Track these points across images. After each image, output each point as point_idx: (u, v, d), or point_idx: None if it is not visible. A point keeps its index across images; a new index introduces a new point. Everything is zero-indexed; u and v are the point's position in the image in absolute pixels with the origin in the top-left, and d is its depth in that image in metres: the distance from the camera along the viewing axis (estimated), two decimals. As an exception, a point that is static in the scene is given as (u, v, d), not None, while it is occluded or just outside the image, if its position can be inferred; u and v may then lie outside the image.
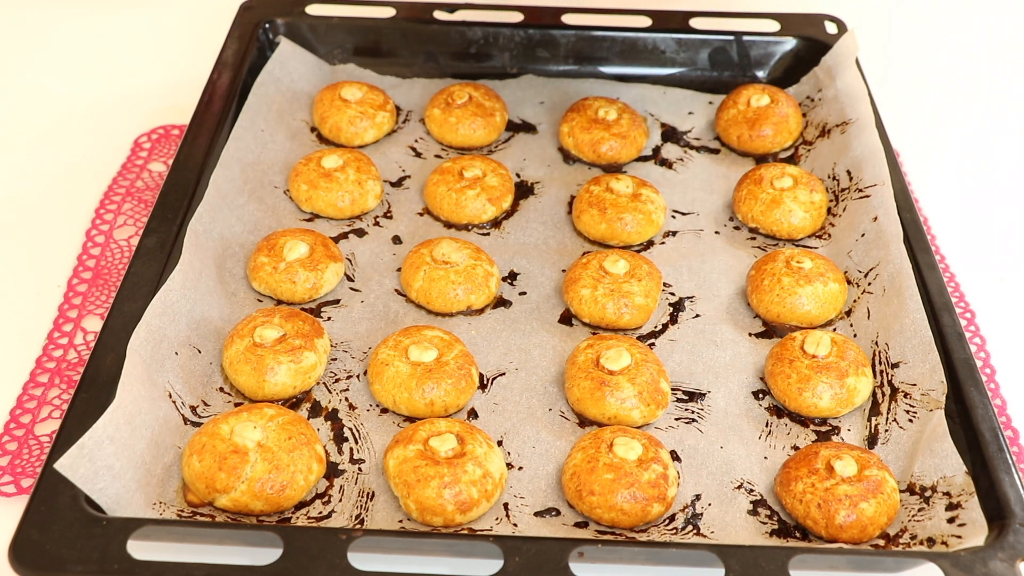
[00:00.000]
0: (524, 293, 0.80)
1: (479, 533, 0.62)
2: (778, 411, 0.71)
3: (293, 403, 0.70)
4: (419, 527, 0.63)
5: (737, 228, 0.86)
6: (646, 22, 1.00)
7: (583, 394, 0.69)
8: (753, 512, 0.65)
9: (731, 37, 1.00)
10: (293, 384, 0.70)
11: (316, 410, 0.70)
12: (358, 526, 0.63)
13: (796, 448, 0.69)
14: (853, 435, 0.70)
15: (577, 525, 0.64)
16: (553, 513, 0.65)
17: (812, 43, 0.99)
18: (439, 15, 1.01)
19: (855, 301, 0.78)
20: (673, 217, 0.87)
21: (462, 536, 0.60)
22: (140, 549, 0.57)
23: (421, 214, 0.86)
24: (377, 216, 0.86)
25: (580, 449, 0.66)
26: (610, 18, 1.01)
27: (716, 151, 0.94)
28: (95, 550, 0.56)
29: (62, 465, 0.58)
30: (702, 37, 1.00)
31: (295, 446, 0.64)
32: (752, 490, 0.66)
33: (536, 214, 0.87)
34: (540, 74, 1.01)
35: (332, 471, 0.66)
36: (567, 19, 1.01)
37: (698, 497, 0.66)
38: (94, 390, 0.65)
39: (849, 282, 0.79)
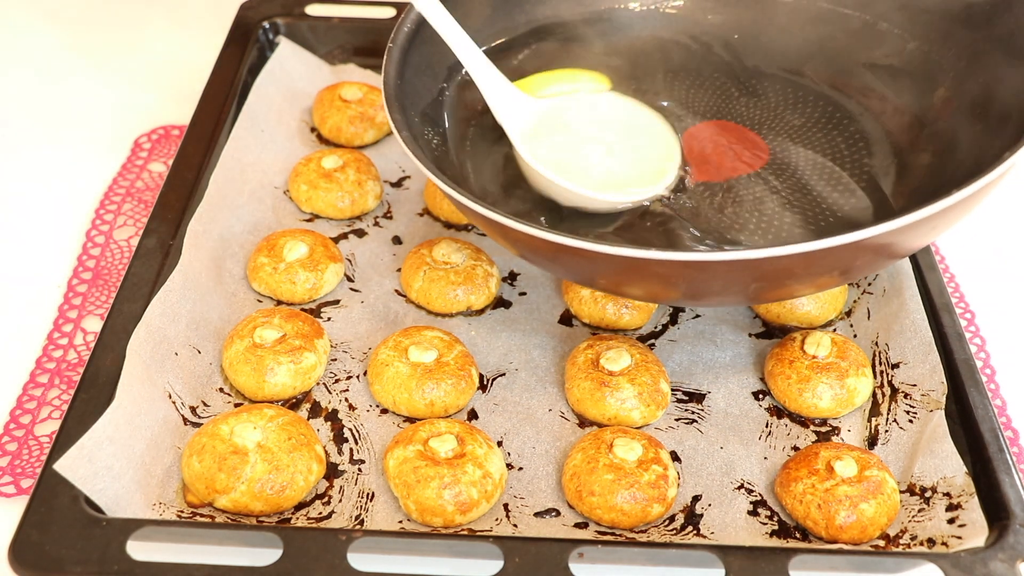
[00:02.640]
0: (524, 293, 0.80)
1: (479, 534, 0.62)
2: (778, 411, 0.71)
3: (293, 403, 0.70)
4: (419, 528, 0.63)
5: (737, 228, 0.86)
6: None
7: (583, 395, 0.69)
8: (753, 513, 0.65)
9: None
10: (293, 384, 0.70)
11: (316, 410, 0.70)
12: (358, 527, 0.63)
13: (796, 449, 0.69)
14: (853, 435, 0.70)
15: (577, 526, 0.64)
16: (553, 514, 0.65)
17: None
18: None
19: (855, 301, 0.78)
20: (673, 217, 0.87)
21: (462, 537, 0.60)
22: (140, 550, 0.57)
23: (421, 214, 0.86)
24: (377, 216, 0.86)
25: (580, 450, 0.66)
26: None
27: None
28: (95, 551, 0.56)
29: (62, 466, 0.59)
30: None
31: (295, 447, 0.64)
32: (752, 491, 0.66)
33: (536, 214, 0.87)
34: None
35: (332, 472, 0.66)
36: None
37: (698, 498, 0.66)
38: (94, 390, 0.65)
39: (849, 282, 0.79)
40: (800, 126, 0.79)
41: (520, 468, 0.67)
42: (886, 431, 0.69)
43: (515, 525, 0.64)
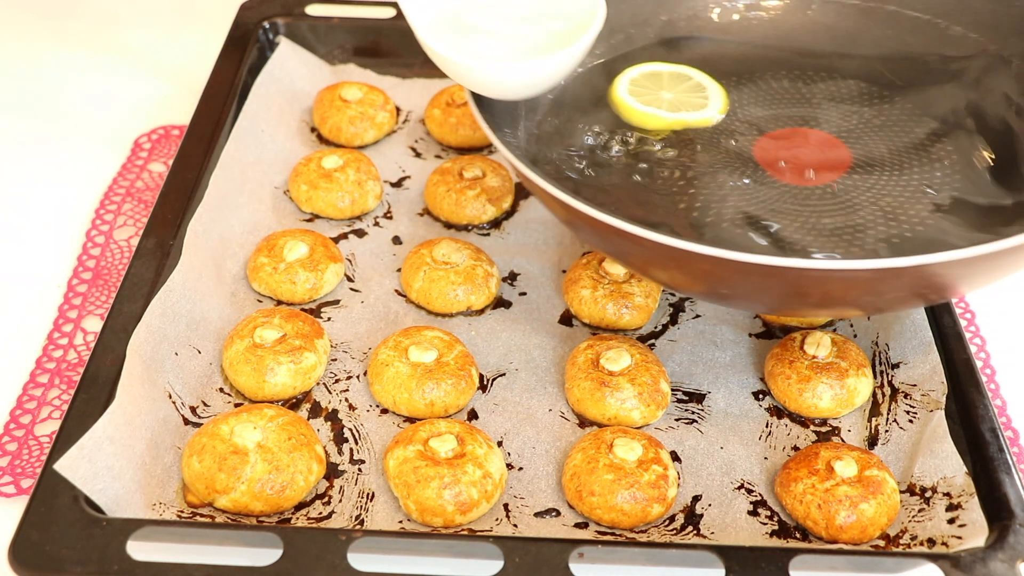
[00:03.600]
0: (524, 293, 0.80)
1: (479, 534, 0.62)
2: (778, 411, 0.71)
3: (293, 404, 0.70)
4: (419, 528, 0.63)
5: (737, 228, 0.86)
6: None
7: (583, 395, 0.69)
8: (753, 513, 0.65)
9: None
10: (293, 384, 0.70)
11: (316, 410, 0.70)
12: (358, 527, 0.63)
13: (796, 449, 0.69)
14: (853, 436, 0.70)
15: (577, 526, 0.64)
16: (553, 514, 0.65)
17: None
18: (439, 15, 1.01)
19: (855, 301, 0.78)
20: (673, 217, 0.86)
21: (462, 537, 0.60)
22: (140, 550, 0.57)
23: (421, 214, 0.86)
24: (377, 216, 0.86)
25: (580, 450, 0.66)
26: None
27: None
28: (95, 551, 0.56)
29: (62, 466, 0.59)
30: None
31: (295, 447, 0.64)
32: (752, 491, 0.66)
33: (536, 214, 0.86)
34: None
35: (332, 472, 0.66)
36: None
37: (698, 498, 0.66)
38: (94, 390, 0.65)
39: (849, 282, 0.79)
40: (888, 140, 0.75)
41: (520, 468, 0.67)
42: (886, 431, 0.69)
43: (515, 525, 0.64)
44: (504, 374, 0.73)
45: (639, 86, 0.77)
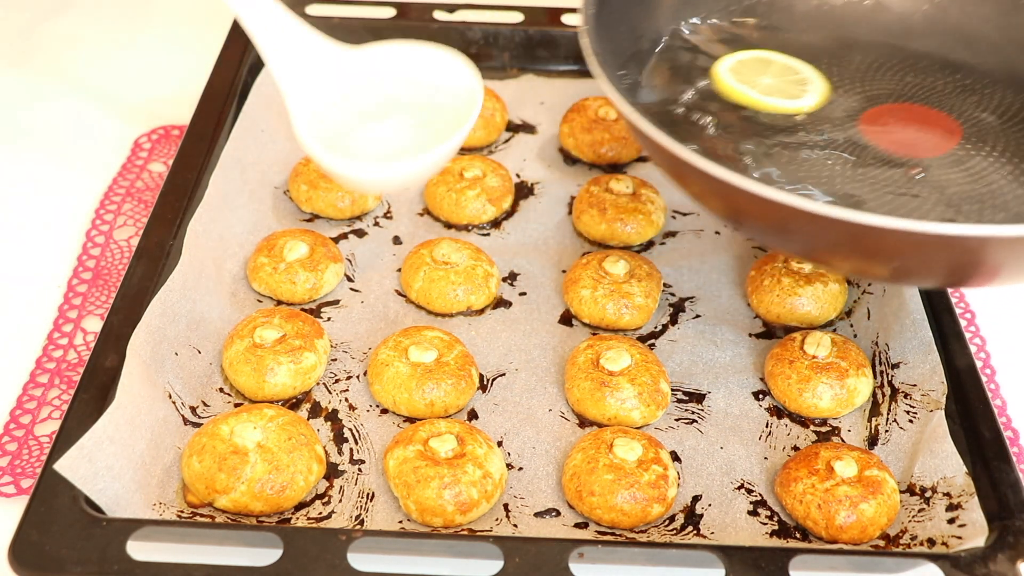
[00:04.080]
0: (524, 293, 0.80)
1: (479, 534, 0.62)
2: (778, 412, 0.71)
3: (293, 404, 0.70)
4: (419, 528, 0.63)
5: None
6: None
7: (583, 395, 0.69)
8: (753, 513, 0.65)
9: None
10: (293, 384, 0.70)
11: (316, 411, 0.70)
12: (358, 527, 0.63)
13: (796, 449, 0.69)
14: (853, 436, 0.70)
15: (577, 526, 0.64)
16: (553, 514, 0.65)
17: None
18: (439, 15, 1.01)
19: (855, 301, 0.78)
20: (673, 217, 0.86)
21: (462, 537, 0.60)
22: (140, 550, 0.57)
23: (421, 214, 0.86)
24: (377, 216, 0.86)
25: (580, 450, 0.66)
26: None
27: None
28: (95, 551, 0.56)
29: (62, 466, 0.59)
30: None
31: (295, 447, 0.64)
32: (752, 491, 0.66)
33: (536, 214, 0.87)
34: (540, 74, 1.01)
35: (332, 472, 0.66)
36: (567, 19, 1.01)
37: (698, 498, 0.66)
38: (94, 390, 0.65)
39: (849, 282, 0.79)
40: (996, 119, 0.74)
41: (520, 468, 0.67)
42: (886, 431, 0.69)
43: (515, 525, 0.64)
44: (504, 374, 0.73)
45: (745, 66, 0.77)
